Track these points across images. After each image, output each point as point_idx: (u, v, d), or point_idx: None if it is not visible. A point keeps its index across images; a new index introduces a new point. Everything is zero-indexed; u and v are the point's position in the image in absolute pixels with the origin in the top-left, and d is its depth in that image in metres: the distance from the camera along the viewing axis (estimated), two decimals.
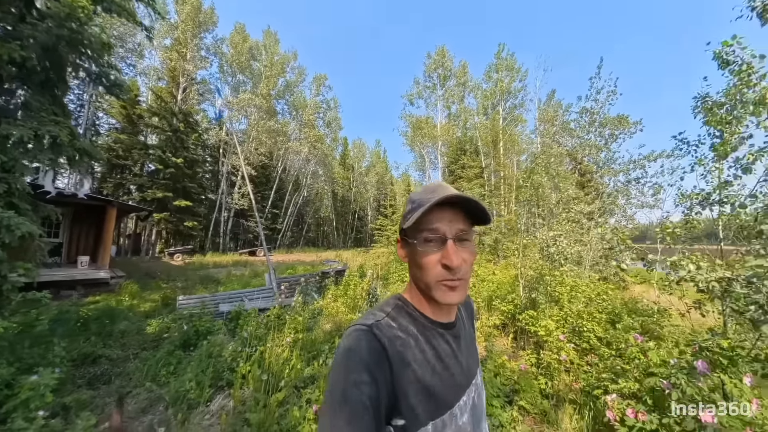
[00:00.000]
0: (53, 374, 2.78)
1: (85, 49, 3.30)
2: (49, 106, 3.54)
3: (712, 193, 2.94)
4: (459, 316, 0.72)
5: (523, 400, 2.53)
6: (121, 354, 4.63)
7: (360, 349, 0.53)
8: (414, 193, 0.65)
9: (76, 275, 8.20)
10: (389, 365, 0.53)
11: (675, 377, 1.86)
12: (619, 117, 12.40)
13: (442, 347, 0.62)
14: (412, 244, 0.59)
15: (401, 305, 0.64)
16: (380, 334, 0.56)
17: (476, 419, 0.66)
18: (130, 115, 17.17)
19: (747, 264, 1.80)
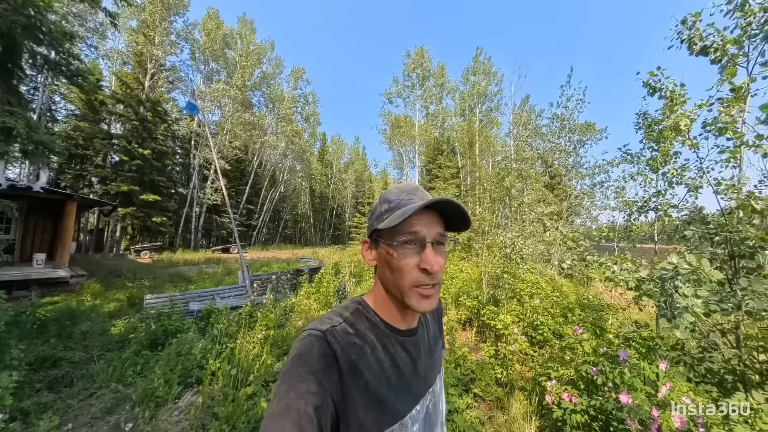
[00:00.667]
0: (11, 377, 2.72)
1: (44, 36, 3.15)
2: (3, 95, 3.37)
3: (648, 201, 3.36)
4: (422, 321, 0.69)
5: (477, 388, 2.78)
6: (83, 356, 4.48)
7: (311, 355, 0.51)
8: (388, 193, 0.62)
9: (31, 274, 7.69)
10: (339, 375, 0.52)
11: (602, 365, 2.14)
12: (587, 124, 13.23)
13: (400, 356, 0.61)
14: (388, 246, 0.56)
15: (361, 310, 0.62)
16: (334, 341, 0.54)
17: (430, 427, 0.64)
18: (91, 101, 16.03)
19: (657, 266, 2.10)
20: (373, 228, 0.60)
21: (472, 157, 22.13)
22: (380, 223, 0.58)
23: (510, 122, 22.21)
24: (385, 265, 0.58)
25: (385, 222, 0.56)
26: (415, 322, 0.66)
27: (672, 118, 2.57)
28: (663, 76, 2.76)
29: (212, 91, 20.75)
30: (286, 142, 27.01)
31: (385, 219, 0.57)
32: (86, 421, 2.93)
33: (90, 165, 16.58)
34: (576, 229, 9.67)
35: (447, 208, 0.57)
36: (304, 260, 14.78)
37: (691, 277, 1.87)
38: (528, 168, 15.02)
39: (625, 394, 1.83)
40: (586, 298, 4.73)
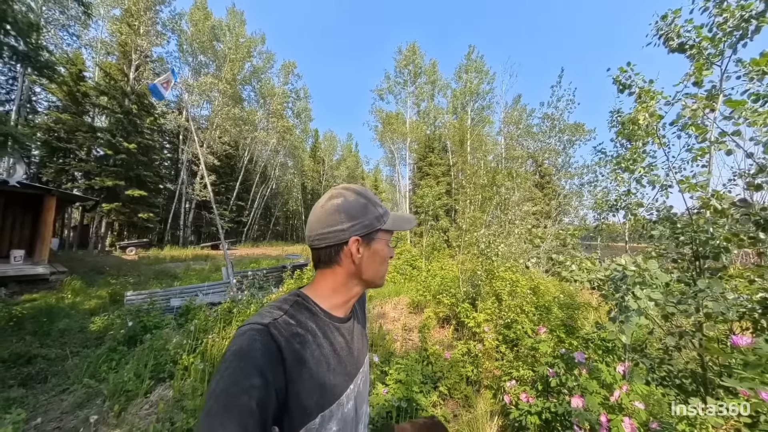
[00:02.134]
0: None
1: (10, 27, 3.08)
2: None
3: (618, 200, 3.38)
4: (354, 309, 0.76)
5: (443, 386, 2.81)
6: (59, 353, 4.44)
7: (253, 350, 0.51)
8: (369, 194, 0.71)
9: (9, 271, 7.53)
10: (284, 366, 0.53)
11: (557, 366, 2.15)
12: (576, 124, 13.42)
13: (338, 341, 0.66)
14: (385, 242, 0.69)
15: (301, 301, 0.65)
16: (277, 334, 0.55)
17: (359, 403, 0.70)
18: (73, 93, 15.60)
19: (611, 266, 2.10)
20: (374, 227, 0.67)
21: (463, 155, 22.26)
22: (382, 223, 0.68)
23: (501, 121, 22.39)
24: (375, 258, 0.68)
25: (395, 224, 0.70)
26: (349, 310, 0.73)
27: (633, 112, 2.59)
28: (633, 72, 2.74)
29: (200, 84, 20.37)
30: (278, 138, 26.74)
31: (386, 221, 0.69)
32: (56, 416, 2.94)
33: (73, 159, 16.17)
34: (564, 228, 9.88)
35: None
36: (291, 257, 14.76)
37: (636, 280, 1.84)
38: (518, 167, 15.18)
39: (578, 398, 1.79)
40: (559, 297, 4.83)
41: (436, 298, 5.16)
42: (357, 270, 0.66)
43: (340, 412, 0.62)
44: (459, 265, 4.92)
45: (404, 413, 2.38)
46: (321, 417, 0.57)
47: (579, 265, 2.43)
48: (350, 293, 0.69)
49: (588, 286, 2.33)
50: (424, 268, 7.47)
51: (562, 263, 2.49)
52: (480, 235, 4.32)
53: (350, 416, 0.65)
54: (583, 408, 1.77)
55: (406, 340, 4.23)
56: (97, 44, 18.26)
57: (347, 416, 0.64)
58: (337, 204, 0.66)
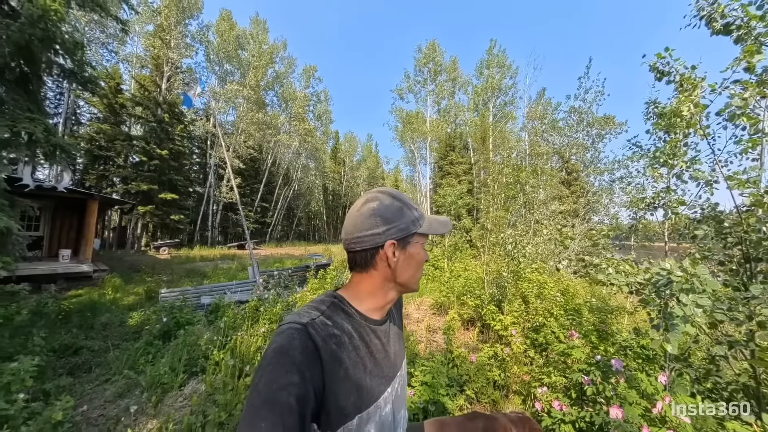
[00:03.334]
0: (32, 361, 2.94)
1: (59, 47, 3.35)
2: (24, 102, 3.60)
3: (656, 197, 3.09)
4: (390, 312, 0.75)
5: (469, 390, 2.72)
6: (102, 345, 4.74)
7: (292, 348, 0.52)
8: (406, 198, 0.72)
9: (58, 269, 8.19)
10: (321, 365, 0.54)
11: (593, 374, 2.03)
12: (606, 117, 12.69)
13: (374, 343, 0.66)
14: (421, 246, 0.70)
15: (337, 303, 0.66)
16: (314, 333, 0.56)
17: (397, 408, 0.69)
18: (112, 105, 16.76)
19: (652, 270, 1.93)
20: (410, 231, 0.67)
21: (485, 153, 21.76)
22: (418, 227, 0.68)
23: (525, 116, 21.73)
24: (411, 262, 0.67)
25: (427, 227, 0.70)
26: (386, 313, 0.72)
27: (675, 103, 2.37)
28: (672, 58, 2.51)
29: (226, 91, 21.25)
30: (299, 141, 27.37)
31: (421, 224, 0.68)
32: (100, 404, 3.14)
33: (112, 165, 17.38)
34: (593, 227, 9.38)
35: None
36: (314, 257, 15.03)
37: (683, 287, 1.68)
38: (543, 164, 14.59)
39: (616, 408, 1.70)
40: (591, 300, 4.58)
41: (459, 300, 5.06)
42: (392, 274, 0.66)
43: (377, 414, 0.61)
44: (484, 266, 4.77)
45: (431, 416, 2.33)
46: (359, 418, 0.57)
47: (616, 267, 2.25)
48: (386, 297, 0.69)
49: (626, 290, 2.16)
50: (446, 269, 7.35)
51: (597, 266, 2.33)
52: (507, 236, 4.16)
53: (388, 420, 0.65)
54: (622, 419, 1.67)
55: (430, 341, 4.16)
56: (133, 59, 19.53)
57: (385, 420, 0.64)
58: (373, 208, 0.66)
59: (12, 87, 3.59)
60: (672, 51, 2.54)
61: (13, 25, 3.06)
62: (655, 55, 2.61)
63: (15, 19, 3.16)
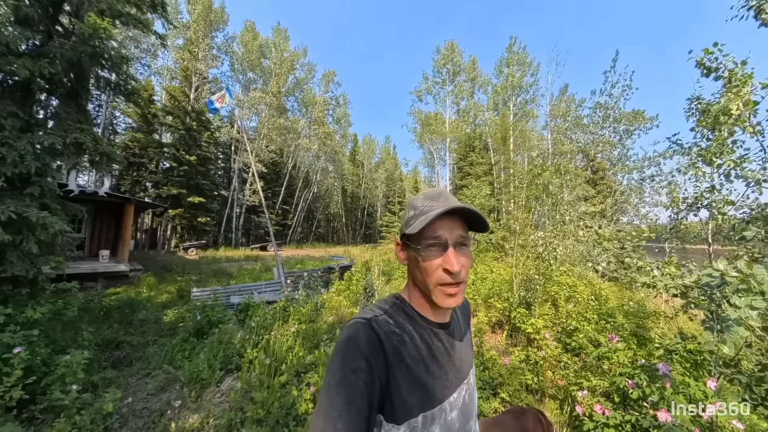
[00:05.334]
0: (83, 355, 3.14)
1: (106, 62, 3.61)
2: (74, 114, 3.88)
3: (699, 197, 2.94)
4: (455, 318, 0.74)
5: (504, 393, 2.68)
6: (141, 340, 5.01)
7: (359, 338, 0.57)
8: (415, 199, 0.67)
9: (98, 268, 8.75)
10: (384, 357, 0.56)
11: (638, 377, 1.97)
12: (635, 112, 12.03)
13: (436, 345, 0.65)
14: (416, 249, 0.61)
15: (399, 304, 0.67)
16: (378, 328, 0.59)
17: (465, 417, 0.67)
18: (145, 115, 17.78)
19: (703, 272, 1.85)
20: (402, 232, 0.66)
21: (506, 153, 21.27)
22: (408, 228, 0.63)
23: (547, 114, 21.09)
24: (414, 265, 0.64)
25: (411, 227, 0.61)
26: (447, 317, 0.70)
27: (723, 101, 2.25)
28: (720, 53, 2.40)
29: (250, 99, 22.04)
30: (319, 144, 27.88)
31: (412, 225, 0.62)
32: (143, 396, 3.31)
33: (145, 171, 18.41)
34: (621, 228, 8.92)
35: (466, 212, 0.62)
36: (335, 258, 15.20)
37: (739, 287, 1.61)
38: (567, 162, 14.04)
39: (665, 412, 1.66)
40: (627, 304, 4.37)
41: (486, 302, 4.95)
42: (409, 274, 0.68)
43: (443, 418, 0.61)
44: (512, 269, 4.64)
45: None
46: (423, 417, 0.58)
47: (662, 269, 2.13)
48: (426, 299, 0.65)
49: (673, 292, 2.06)
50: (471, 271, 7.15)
51: (640, 268, 2.23)
52: (537, 238, 4.03)
53: (455, 427, 0.64)
54: (672, 423, 1.62)
55: None
56: (164, 71, 20.67)
57: (451, 425, 0.63)
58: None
59: (64, 100, 3.89)
60: (721, 46, 2.43)
61: (66, 44, 3.32)
62: (702, 51, 2.49)
63: (68, 38, 3.43)
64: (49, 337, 3.78)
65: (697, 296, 1.92)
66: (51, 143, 3.38)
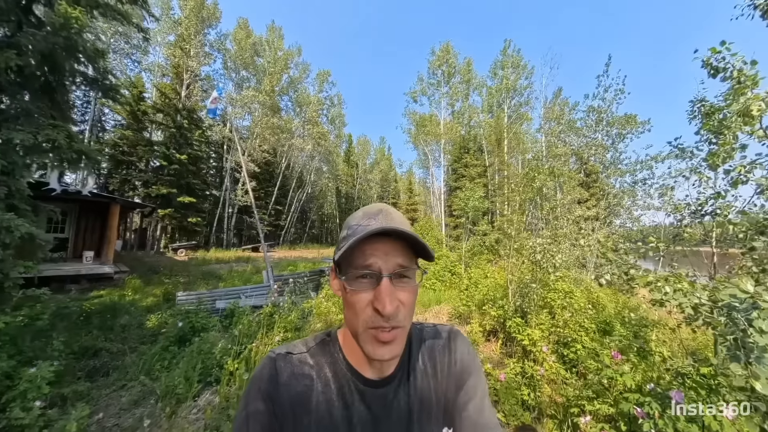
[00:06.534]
0: (51, 367, 2.93)
1: (81, 55, 3.41)
2: (48, 110, 3.66)
3: (704, 204, 2.79)
4: (411, 374, 0.56)
5: (499, 413, 2.54)
6: (121, 347, 4.78)
7: (262, 376, 0.51)
8: (351, 217, 0.55)
9: (81, 270, 8.44)
10: (280, 403, 0.49)
11: (648, 406, 1.81)
12: (627, 116, 12.16)
13: (356, 409, 0.51)
14: (343, 279, 0.49)
15: (328, 342, 0.58)
16: (282, 368, 0.52)
17: None
18: (134, 112, 17.39)
19: (723, 291, 1.68)
20: (334, 258, 0.53)
21: (500, 155, 21.35)
22: (337, 252, 0.51)
23: (541, 117, 21.18)
24: (344, 300, 0.51)
25: (339, 252, 0.49)
26: (387, 371, 0.54)
27: (741, 101, 2.12)
28: (728, 53, 2.29)
29: (242, 97, 21.71)
30: (313, 144, 27.63)
31: (341, 248, 0.49)
32: (115, 412, 3.10)
33: (134, 170, 18.00)
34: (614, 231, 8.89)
35: (405, 237, 0.48)
36: (327, 260, 15.01)
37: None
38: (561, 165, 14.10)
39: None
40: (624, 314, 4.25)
41: (480, 309, 4.84)
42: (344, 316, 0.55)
43: None
44: (508, 275, 4.53)
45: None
46: None
47: (673, 285, 1.97)
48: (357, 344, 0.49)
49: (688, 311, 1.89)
50: (464, 275, 7.11)
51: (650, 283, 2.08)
52: (535, 244, 3.91)
53: None
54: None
55: None
56: (155, 68, 20.26)
57: None
58: None
59: (37, 95, 3.67)
60: (729, 45, 2.31)
61: (38, 35, 3.12)
62: (708, 50, 2.37)
63: (40, 28, 3.23)
64: (16, 347, 3.56)
65: (715, 317, 1.75)
66: (20, 140, 3.17)
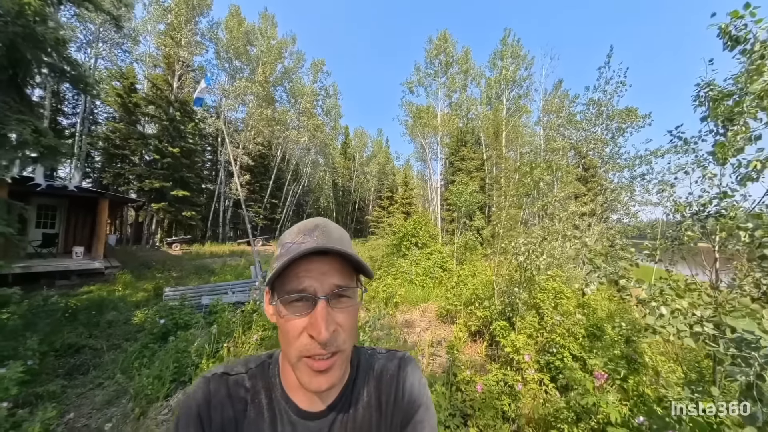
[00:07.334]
0: (21, 367, 2.89)
1: (43, 45, 3.27)
2: (15, 104, 3.54)
3: (707, 204, 2.45)
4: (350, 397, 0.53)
5: (473, 428, 2.44)
6: (105, 344, 4.75)
7: (195, 399, 0.49)
8: (285, 234, 0.51)
9: (71, 265, 8.38)
10: (212, 428, 0.48)
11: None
12: (628, 110, 11.93)
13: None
14: (276, 303, 0.46)
15: (268, 365, 0.54)
16: (216, 390, 0.50)
17: None
18: (126, 104, 17.09)
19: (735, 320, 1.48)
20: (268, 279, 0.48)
21: (498, 148, 21.09)
22: (270, 273, 0.47)
23: (540, 110, 20.91)
24: (278, 327, 0.48)
25: (270, 275, 0.46)
26: (327, 401, 0.51)
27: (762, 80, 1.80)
28: (752, 19, 1.92)
29: (235, 88, 21.33)
30: (309, 136, 27.28)
31: (274, 269, 0.46)
32: (87, 411, 3.06)
33: (127, 163, 17.80)
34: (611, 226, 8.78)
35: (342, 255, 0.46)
36: None
37: None
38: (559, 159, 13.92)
39: None
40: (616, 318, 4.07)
41: (467, 308, 4.78)
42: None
43: None
44: (493, 276, 4.44)
45: None
46: None
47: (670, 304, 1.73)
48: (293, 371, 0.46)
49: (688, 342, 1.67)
50: (455, 272, 7.04)
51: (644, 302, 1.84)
52: (519, 245, 3.76)
53: None
54: None
55: (434, 356, 3.89)
56: (146, 58, 19.81)
57: None
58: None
59: (3, 89, 3.53)
60: (754, 9, 1.91)
61: None
62: (728, 15, 1.98)
63: None
64: None
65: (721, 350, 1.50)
66: None
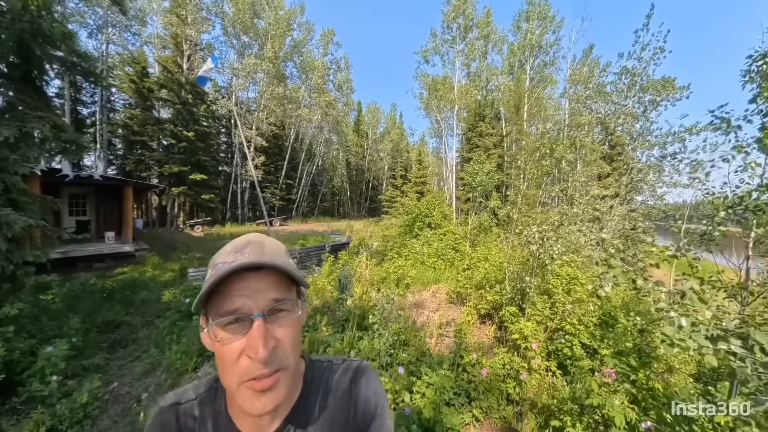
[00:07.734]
0: (66, 345, 3.23)
1: (51, 39, 3.31)
2: (32, 101, 3.66)
3: (746, 198, 2.17)
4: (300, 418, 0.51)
5: (476, 409, 2.49)
6: (140, 320, 5.18)
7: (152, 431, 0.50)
8: (218, 254, 0.48)
9: (104, 249, 8.98)
10: None
11: None
12: (664, 80, 10.56)
13: None
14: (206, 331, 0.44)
15: (215, 390, 0.53)
16: (168, 423, 0.50)
17: None
18: (140, 89, 17.27)
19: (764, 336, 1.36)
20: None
21: (519, 123, 19.75)
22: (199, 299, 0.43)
23: (567, 80, 19.28)
24: (215, 354, 0.44)
25: (200, 298, 0.42)
26: (273, 426, 0.48)
27: None
28: None
29: (245, 66, 20.97)
30: (321, 114, 26.81)
31: (203, 292, 0.43)
32: (128, 381, 3.42)
33: (147, 150, 18.31)
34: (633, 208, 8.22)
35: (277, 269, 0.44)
36: (332, 235, 15.24)
37: None
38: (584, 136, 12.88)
39: None
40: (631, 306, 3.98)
41: (478, 291, 4.79)
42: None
43: None
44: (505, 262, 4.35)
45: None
46: None
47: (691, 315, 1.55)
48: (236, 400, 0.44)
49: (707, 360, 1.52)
50: (467, 254, 7.02)
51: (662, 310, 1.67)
52: (532, 233, 3.62)
53: None
54: None
55: (442, 336, 3.99)
56: (154, 40, 19.68)
57: None
58: None
59: (20, 87, 3.65)
60: None
61: (3, 22, 3.02)
62: None
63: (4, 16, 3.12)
64: (39, 326, 3.91)
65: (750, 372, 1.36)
66: (6, 135, 3.21)
